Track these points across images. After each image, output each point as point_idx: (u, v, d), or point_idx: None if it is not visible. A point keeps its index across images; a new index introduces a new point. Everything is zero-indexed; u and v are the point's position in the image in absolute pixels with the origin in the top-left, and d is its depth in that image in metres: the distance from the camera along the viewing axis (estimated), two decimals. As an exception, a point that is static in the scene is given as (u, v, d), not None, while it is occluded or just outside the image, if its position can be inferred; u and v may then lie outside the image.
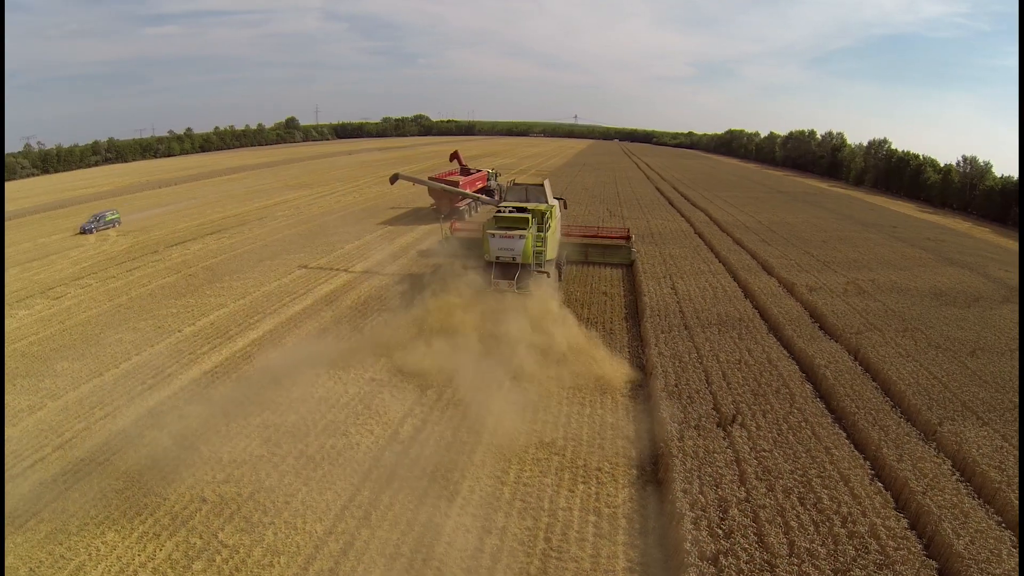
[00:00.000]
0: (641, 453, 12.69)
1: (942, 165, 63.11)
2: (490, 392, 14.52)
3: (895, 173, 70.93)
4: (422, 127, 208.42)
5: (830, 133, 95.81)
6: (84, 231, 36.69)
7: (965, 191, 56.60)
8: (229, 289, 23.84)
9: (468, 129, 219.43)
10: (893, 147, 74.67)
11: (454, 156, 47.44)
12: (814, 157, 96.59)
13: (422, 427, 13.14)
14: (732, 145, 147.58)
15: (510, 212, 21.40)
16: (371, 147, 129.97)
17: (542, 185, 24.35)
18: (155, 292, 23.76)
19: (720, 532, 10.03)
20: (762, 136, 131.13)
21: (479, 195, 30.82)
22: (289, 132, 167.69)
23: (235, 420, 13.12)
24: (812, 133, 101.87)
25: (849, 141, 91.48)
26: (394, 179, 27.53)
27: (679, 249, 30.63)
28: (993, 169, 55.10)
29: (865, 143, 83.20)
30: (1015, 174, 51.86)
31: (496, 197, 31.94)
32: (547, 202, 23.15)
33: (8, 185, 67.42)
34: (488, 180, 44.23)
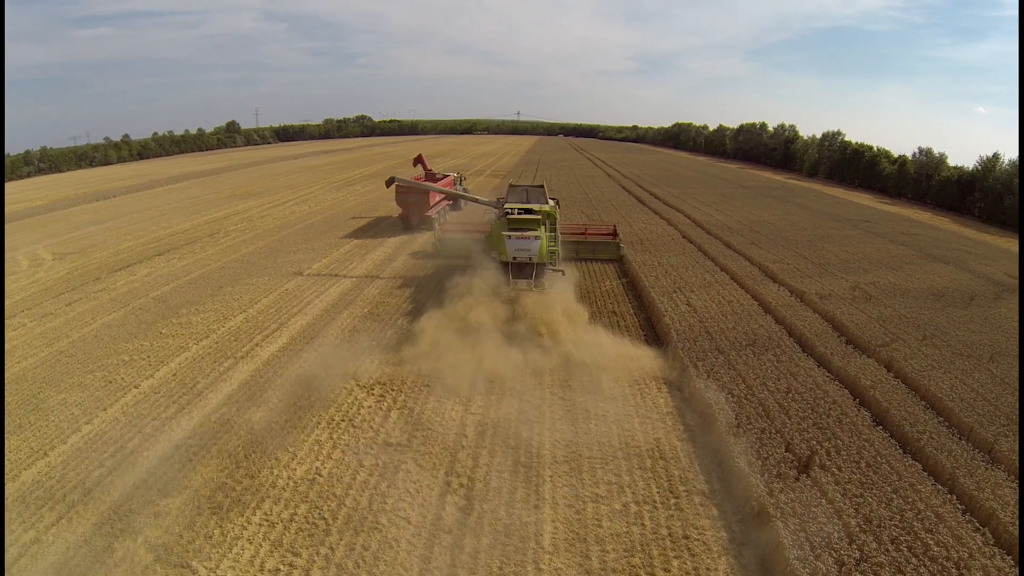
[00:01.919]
0: (723, 511, 10.95)
1: (896, 156, 64.81)
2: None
3: (850, 165, 72.60)
4: (365, 127, 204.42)
5: (782, 125, 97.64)
6: None
7: (921, 181, 58.21)
8: (188, 326, 20.64)
9: (412, 128, 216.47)
10: (847, 139, 76.57)
11: (418, 160, 44.77)
12: (767, 149, 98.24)
13: (468, 508, 10.70)
14: (680, 138, 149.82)
15: (519, 214, 21.31)
16: (316, 150, 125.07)
17: (542, 187, 24.96)
18: (100, 333, 20.32)
19: (852, 602, 8.60)
20: (711, 129, 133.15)
21: (477, 197, 29.06)
22: (230, 136, 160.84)
23: (229, 517, 10.36)
24: (763, 126, 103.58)
25: (801, 133, 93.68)
26: (390, 182, 26.57)
27: (676, 258, 29.18)
28: (948, 160, 56.99)
29: (816, 135, 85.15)
30: (967, 164, 53.90)
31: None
32: (547, 203, 23.44)
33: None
34: (455, 185, 41.93)
